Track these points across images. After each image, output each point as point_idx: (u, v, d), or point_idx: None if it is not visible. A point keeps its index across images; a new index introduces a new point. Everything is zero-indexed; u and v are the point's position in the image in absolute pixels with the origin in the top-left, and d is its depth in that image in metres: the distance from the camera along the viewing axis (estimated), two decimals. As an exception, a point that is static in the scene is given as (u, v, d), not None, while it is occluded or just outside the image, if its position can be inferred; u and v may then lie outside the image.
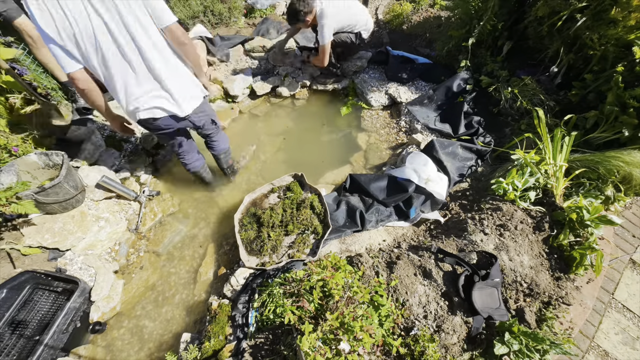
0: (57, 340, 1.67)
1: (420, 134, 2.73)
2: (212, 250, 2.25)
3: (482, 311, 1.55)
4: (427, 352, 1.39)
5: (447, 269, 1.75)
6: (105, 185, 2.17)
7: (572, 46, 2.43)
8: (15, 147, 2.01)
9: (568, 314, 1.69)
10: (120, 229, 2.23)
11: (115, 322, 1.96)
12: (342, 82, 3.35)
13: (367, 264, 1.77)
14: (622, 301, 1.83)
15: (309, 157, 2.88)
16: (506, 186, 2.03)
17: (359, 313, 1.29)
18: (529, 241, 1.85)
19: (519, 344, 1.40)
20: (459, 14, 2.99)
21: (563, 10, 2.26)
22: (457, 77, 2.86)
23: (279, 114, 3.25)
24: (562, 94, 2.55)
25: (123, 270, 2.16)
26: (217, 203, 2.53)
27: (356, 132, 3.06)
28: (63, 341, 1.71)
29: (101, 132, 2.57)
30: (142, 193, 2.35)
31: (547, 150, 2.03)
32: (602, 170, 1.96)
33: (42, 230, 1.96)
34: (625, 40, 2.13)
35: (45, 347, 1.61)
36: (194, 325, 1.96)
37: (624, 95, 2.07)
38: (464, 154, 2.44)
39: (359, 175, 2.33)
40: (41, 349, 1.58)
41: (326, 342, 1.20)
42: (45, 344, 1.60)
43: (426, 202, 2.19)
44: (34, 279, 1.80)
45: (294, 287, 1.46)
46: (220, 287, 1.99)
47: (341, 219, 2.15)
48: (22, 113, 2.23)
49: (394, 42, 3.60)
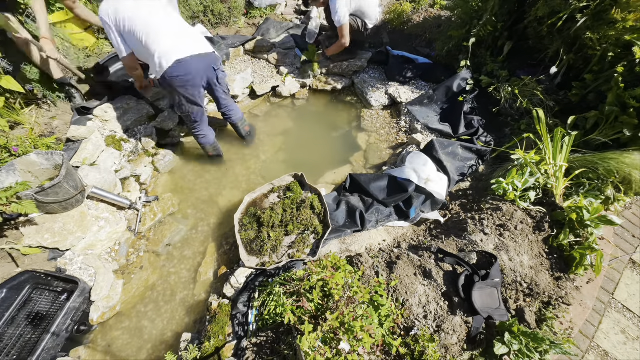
0: (57, 340, 1.67)
1: (420, 134, 2.73)
2: (212, 250, 2.25)
3: (482, 311, 1.55)
4: (427, 352, 1.39)
5: (447, 269, 1.75)
6: (95, 196, 2.17)
7: (572, 46, 2.43)
8: (15, 147, 2.01)
9: (568, 314, 1.69)
10: (120, 229, 2.23)
11: (115, 322, 1.96)
12: (343, 81, 3.35)
13: (367, 264, 1.77)
14: (622, 301, 1.84)
15: (309, 157, 2.88)
16: (506, 186, 2.03)
17: (359, 313, 1.29)
18: (529, 241, 1.85)
19: (519, 344, 1.40)
20: (459, 14, 3.00)
21: (563, 11, 2.26)
22: (457, 77, 2.86)
23: (279, 114, 3.25)
24: (562, 94, 2.55)
25: (123, 270, 2.15)
26: (217, 203, 2.53)
27: (356, 132, 3.06)
28: (63, 341, 1.71)
29: (101, 132, 2.57)
30: (139, 200, 2.34)
31: (547, 150, 2.03)
32: (602, 171, 1.96)
33: (42, 230, 1.96)
34: (625, 41, 2.13)
35: (45, 346, 1.61)
36: (194, 325, 1.96)
37: (624, 96, 2.07)
38: (464, 154, 2.44)
39: (359, 175, 2.33)
40: (41, 348, 1.58)
41: (326, 342, 1.20)
42: (45, 344, 1.60)
43: (426, 202, 2.19)
44: (34, 279, 1.80)
45: (294, 287, 1.46)
46: (220, 287, 1.99)
47: (341, 219, 2.15)
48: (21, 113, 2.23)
49: (394, 42, 3.60)
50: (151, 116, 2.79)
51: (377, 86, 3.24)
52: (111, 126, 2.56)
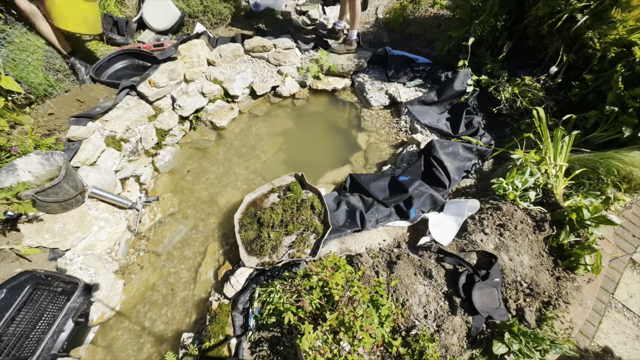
0: (57, 340, 1.67)
1: (420, 134, 2.73)
2: (212, 250, 2.25)
3: (482, 311, 1.55)
4: (427, 352, 1.39)
5: (447, 269, 1.75)
6: (95, 196, 2.17)
7: (572, 46, 2.42)
8: (15, 147, 2.01)
9: (568, 313, 1.69)
10: (120, 229, 2.23)
11: (115, 322, 1.96)
12: (343, 82, 3.35)
13: (367, 264, 1.77)
14: (622, 301, 1.83)
15: (309, 157, 2.88)
16: (506, 186, 2.03)
17: (359, 313, 1.29)
18: (529, 241, 1.85)
19: (518, 343, 1.40)
20: (459, 14, 2.99)
21: (563, 10, 2.26)
22: (457, 77, 2.86)
23: (279, 113, 3.25)
24: (562, 94, 2.55)
25: (123, 270, 2.15)
26: (217, 203, 2.53)
27: (356, 131, 3.06)
28: (63, 341, 1.71)
29: (101, 132, 2.57)
30: (139, 200, 2.35)
31: (547, 150, 2.03)
32: (602, 170, 1.96)
33: (42, 230, 1.96)
34: (625, 40, 2.13)
35: (46, 346, 1.61)
36: (194, 325, 1.96)
37: (624, 95, 2.07)
38: (464, 154, 2.44)
39: (359, 175, 2.33)
40: (41, 348, 1.58)
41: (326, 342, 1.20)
42: (45, 344, 1.60)
43: (426, 202, 2.19)
44: (34, 279, 1.79)
45: (294, 287, 1.46)
46: (220, 287, 1.99)
47: (341, 218, 2.15)
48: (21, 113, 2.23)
49: (394, 42, 3.60)
50: (151, 116, 2.79)
51: (377, 86, 3.24)
52: (111, 126, 2.56)
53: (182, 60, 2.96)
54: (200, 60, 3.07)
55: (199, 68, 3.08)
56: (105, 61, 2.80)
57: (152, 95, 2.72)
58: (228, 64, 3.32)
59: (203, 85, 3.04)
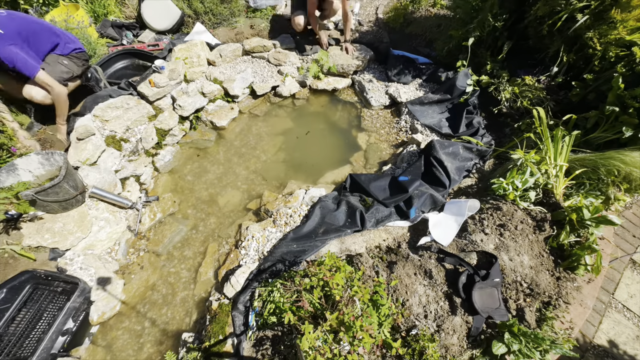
0: (57, 340, 1.67)
1: (420, 134, 2.73)
2: (212, 250, 2.25)
3: (482, 311, 1.55)
4: (427, 352, 1.39)
5: (448, 269, 1.75)
6: (95, 196, 2.17)
7: (572, 46, 2.42)
8: (15, 147, 2.01)
9: (568, 313, 1.68)
10: (120, 229, 2.23)
11: (115, 322, 1.96)
12: (343, 81, 3.34)
13: (367, 264, 1.77)
14: (622, 301, 1.83)
15: (309, 157, 2.88)
16: (506, 186, 2.03)
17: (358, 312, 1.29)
18: (529, 241, 1.85)
19: (518, 343, 1.40)
20: (459, 14, 2.99)
21: (563, 10, 2.26)
22: (458, 77, 2.86)
23: (279, 113, 3.25)
24: (562, 94, 2.54)
25: (123, 270, 2.15)
26: (217, 203, 2.53)
27: (356, 131, 3.05)
28: (63, 341, 1.71)
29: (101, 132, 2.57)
30: (139, 200, 2.34)
31: (547, 150, 2.03)
32: (603, 171, 1.96)
33: (43, 230, 1.96)
34: (626, 40, 2.13)
35: (46, 346, 1.61)
36: (194, 325, 1.96)
37: (625, 95, 2.07)
38: (465, 154, 2.44)
39: (359, 175, 2.33)
40: (41, 348, 1.58)
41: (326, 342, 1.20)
42: (46, 344, 1.60)
43: (426, 202, 2.19)
44: (34, 279, 1.79)
45: (295, 287, 1.46)
46: (220, 287, 1.98)
47: (341, 218, 2.15)
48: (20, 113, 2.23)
49: (394, 41, 3.60)
50: (151, 116, 2.79)
51: (377, 86, 3.24)
52: (111, 126, 2.56)
53: (183, 60, 2.96)
54: (201, 60, 3.07)
55: (199, 68, 3.08)
56: (105, 61, 2.81)
57: (152, 95, 2.72)
58: (228, 64, 3.32)
59: (203, 85, 3.05)
